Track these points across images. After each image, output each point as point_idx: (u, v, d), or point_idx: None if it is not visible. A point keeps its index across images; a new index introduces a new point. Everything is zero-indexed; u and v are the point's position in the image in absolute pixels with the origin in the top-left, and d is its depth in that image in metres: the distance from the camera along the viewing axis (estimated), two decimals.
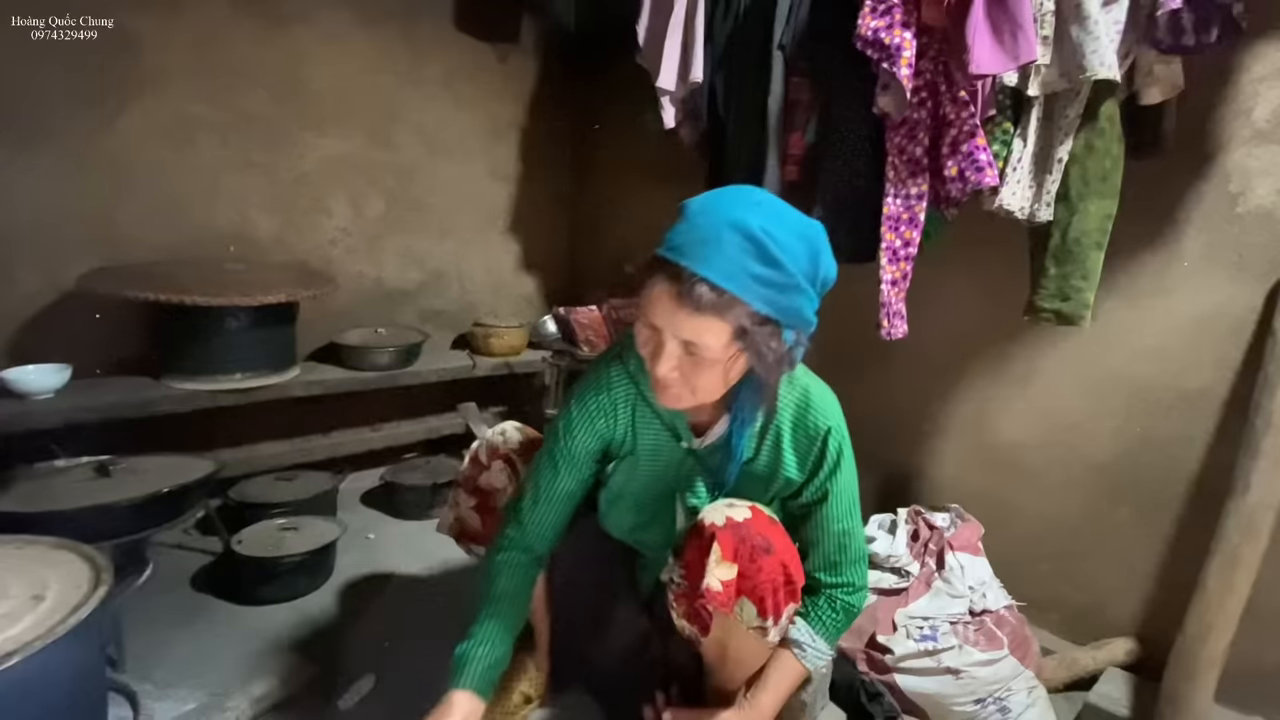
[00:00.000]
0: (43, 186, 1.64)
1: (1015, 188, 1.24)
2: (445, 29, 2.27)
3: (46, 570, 0.90)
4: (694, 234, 0.76)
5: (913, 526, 1.45)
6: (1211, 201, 1.29)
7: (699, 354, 0.79)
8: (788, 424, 0.96)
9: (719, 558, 0.88)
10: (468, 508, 1.18)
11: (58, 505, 1.21)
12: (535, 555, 1.04)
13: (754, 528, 0.89)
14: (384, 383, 2.01)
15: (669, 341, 0.79)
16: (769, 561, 0.88)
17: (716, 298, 0.74)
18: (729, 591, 0.87)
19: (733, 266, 0.74)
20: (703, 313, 0.74)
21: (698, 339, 0.77)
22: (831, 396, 0.98)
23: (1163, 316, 1.36)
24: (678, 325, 0.77)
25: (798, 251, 0.77)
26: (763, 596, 0.88)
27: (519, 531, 1.02)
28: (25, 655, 0.74)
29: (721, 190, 0.81)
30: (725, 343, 0.77)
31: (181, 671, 1.24)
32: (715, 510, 0.92)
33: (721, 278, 0.73)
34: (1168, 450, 1.37)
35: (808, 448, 0.96)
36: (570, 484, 1.02)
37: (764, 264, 0.74)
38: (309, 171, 2.06)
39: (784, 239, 0.75)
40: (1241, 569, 1.18)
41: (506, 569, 1.01)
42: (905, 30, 1.18)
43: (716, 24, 1.63)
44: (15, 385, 1.46)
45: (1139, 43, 1.14)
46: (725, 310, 0.75)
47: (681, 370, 0.81)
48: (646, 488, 1.04)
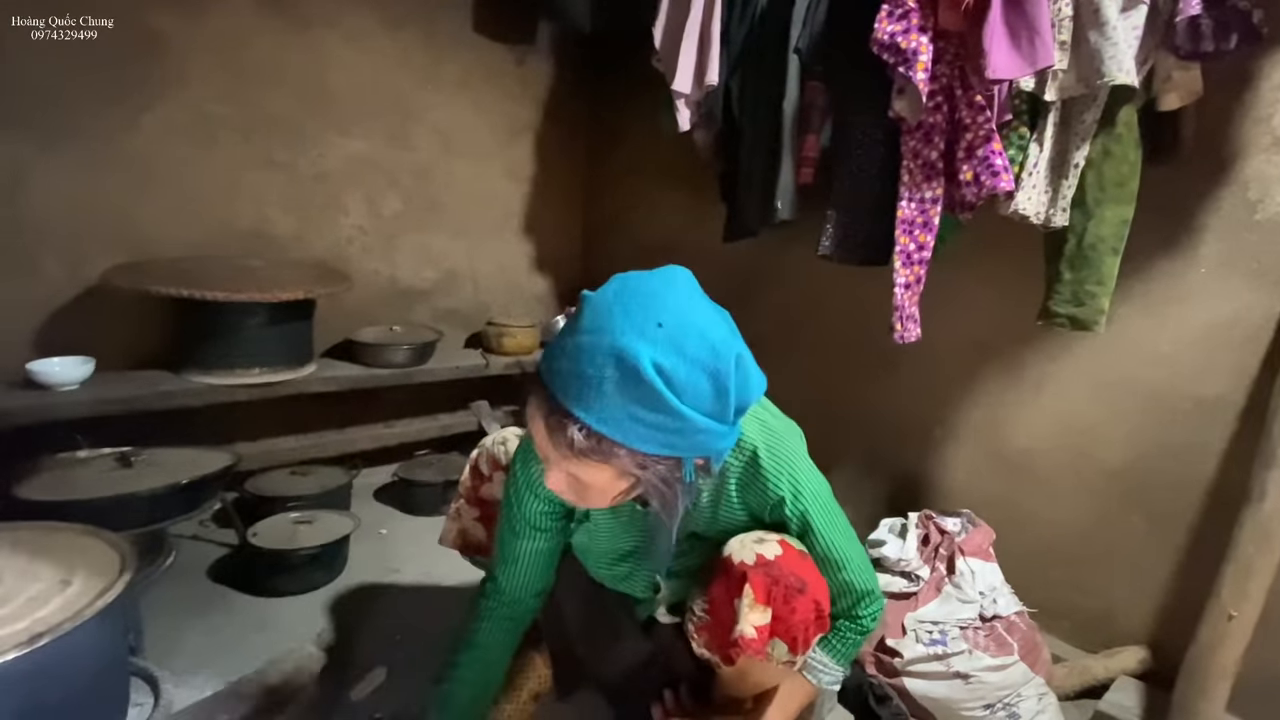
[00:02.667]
0: (69, 183, 1.67)
1: (1030, 192, 1.24)
2: (463, 31, 2.30)
3: (73, 556, 0.92)
4: (576, 363, 0.64)
5: (923, 531, 1.45)
6: (1230, 208, 1.29)
7: (584, 482, 0.72)
8: (734, 490, 0.89)
9: (752, 601, 0.84)
10: (471, 519, 1.16)
11: (80, 494, 1.24)
12: (519, 612, 1.01)
13: (785, 566, 0.85)
14: (398, 380, 2.03)
15: (553, 466, 0.72)
16: (803, 602, 0.84)
17: (594, 444, 0.64)
18: (763, 636, 0.84)
19: (614, 411, 0.63)
20: (580, 457, 0.66)
21: (577, 474, 0.70)
22: (787, 446, 0.88)
23: (1178, 323, 1.35)
24: (548, 452, 0.69)
25: (699, 390, 0.64)
26: (795, 636, 0.85)
27: (497, 597, 1.00)
28: (54, 637, 0.76)
29: (625, 290, 0.66)
30: (611, 479, 0.71)
31: (198, 659, 1.26)
32: (744, 547, 0.87)
33: (600, 423, 0.63)
34: (1182, 458, 1.36)
35: (764, 511, 0.89)
36: (537, 544, 0.98)
37: (653, 409, 0.63)
38: (328, 171, 2.09)
39: (682, 377, 0.63)
40: (1255, 578, 1.17)
41: (489, 619, 0.99)
42: (922, 35, 1.18)
43: (733, 27, 1.64)
44: (41, 377, 1.49)
45: (1158, 48, 1.14)
46: (605, 456, 0.66)
47: (571, 487, 0.74)
48: (611, 545, 1.00)
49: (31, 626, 0.78)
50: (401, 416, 2.25)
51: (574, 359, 0.64)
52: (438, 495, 2.01)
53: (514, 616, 1.01)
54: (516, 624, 1.01)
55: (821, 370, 1.99)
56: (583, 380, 0.63)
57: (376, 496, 2.10)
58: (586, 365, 0.63)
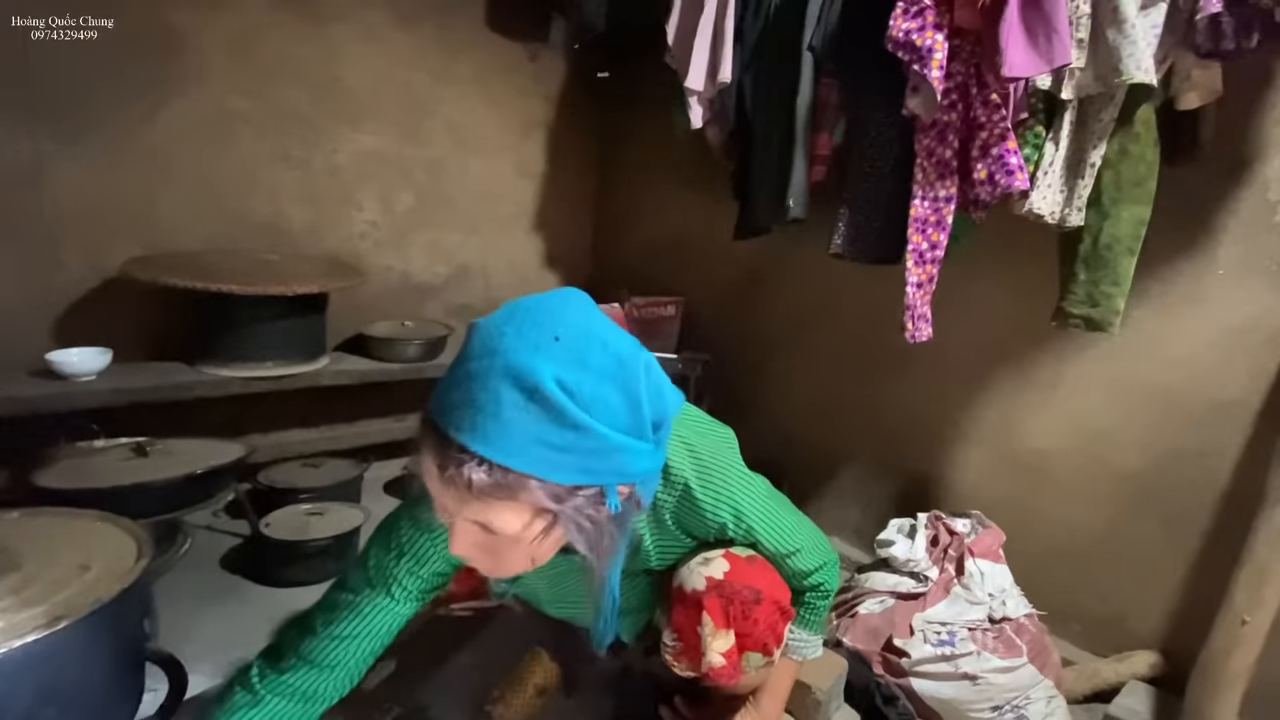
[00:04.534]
0: (89, 177, 1.70)
1: (1046, 192, 1.23)
2: (478, 28, 2.30)
3: (92, 542, 0.94)
4: (467, 392, 0.56)
5: (933, 531, 1.44)
6: (1249, 209, 1.27)
7: (495, 536, 0.62)
8: (671, 524, 0.84)
9: (713, 628, 0.83)
10: None
11: (97, 483, 1.26)
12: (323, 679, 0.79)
13: (737, 581, 0.84)
14: (410, 374, 2.04)
15: (458, 520, 0.62)
16: (762, 611, 0.84)
17: (499, 479, 0.56)
18: (732, 659, 0.84)
19: (518, 438, 0.55)
20: (483, 498, 0.57)
21: (486, 521, 0.60)
22: (718, 467, 0.81)
23: (1196, 325, 1.34)
24: (456, 508, 0.60)
25: (609, 403, 0.58)
26: (765, 643, 0.86)
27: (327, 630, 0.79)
28: (73, 620, 0.77)
29: (516, 312, 0.59)
30: (525, 521, 0.60)
31: (211, 647, 1.27)
32: (692, 573, 0.85)
33: (502, 455, 0.55)
34: (1197, 461, 1.34)
35: (708, 535, 0.87)
36: (397, 606, 0.82)
37: (561, 430, 0.56)
38: (342, 166, 2.11)
39: (589, 391, 0.57)
40: (1270, 583, 1.15)
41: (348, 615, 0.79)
42: (937, 32, 1.18)
43: (746, 24, 1.64)
44: (60, 367, 1.52)
45: (1177, 47, 1.13)
46: (514, 491, 0.57)
47: (482, 549, 0.64)
48: (555, 594, 0.97)
49: (51, 610, 0.79)
50: (412, 411, 2.26)
51: (464, 388, 0.56)
52: None
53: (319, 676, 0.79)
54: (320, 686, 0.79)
55: (832, 368, 1.98)
56: (476, 409, 0.55)
57: (387, 489, 2.11)
58: (479, 392, 0.55)
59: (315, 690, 0.78)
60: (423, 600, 0.84)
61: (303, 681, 0.78)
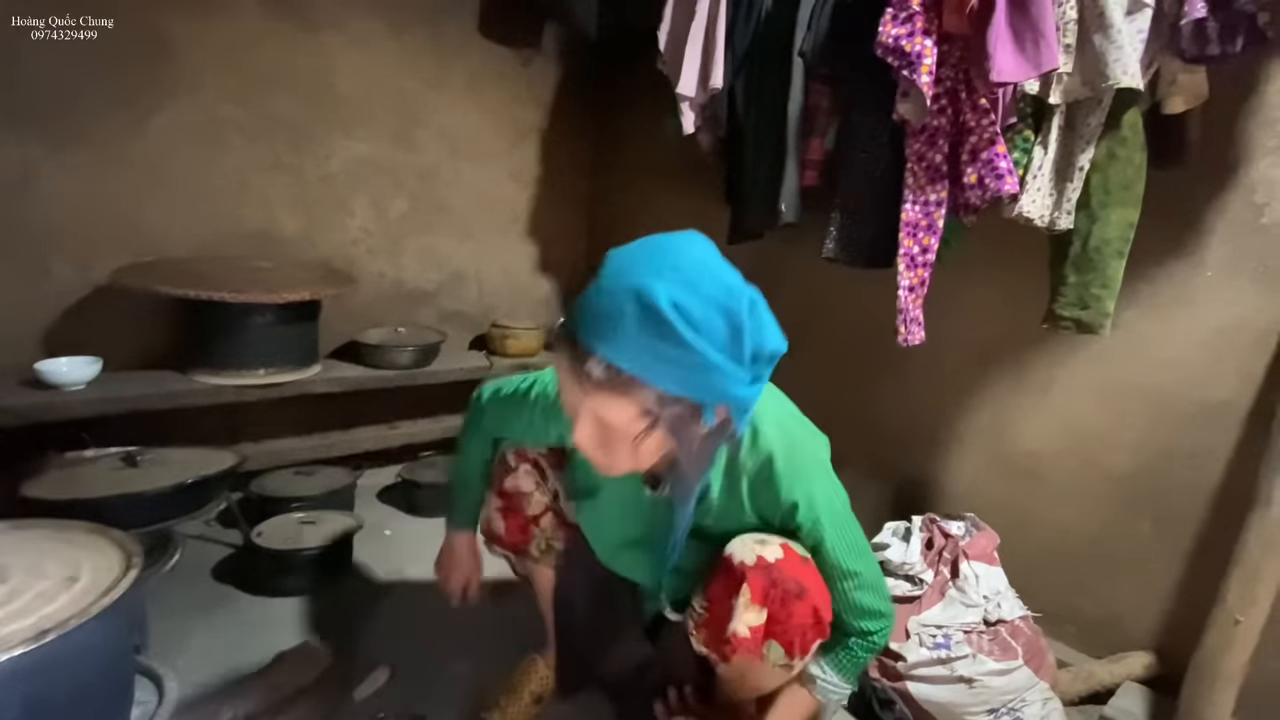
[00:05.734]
0: (78, 184, 1.69)
1: (1035, 195, 1.24)
2: (469, 34, 2.31)
3: (80, 553, 0.93)
4: (598, 305, 0.69)
5: (927, 534, 1.44)
6: (1236, 212, 1.28)
7: (608, 428, 0.74)
8: (746, 490, 0.89)
9: (748, 601, 0.85)
10: (494, 509, 1.16)
11: (87, 493, 1.25)
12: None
13: (786, 570, 0.85)
14: (403, 381, 2.04)
15: (581, 412, 0.74)
16: (800, 606, 0.85)
17: (614, 377, 0.68)
18: (756, 637, 0.85)
19: (633, 345, 0.66)
20: (600, 392, 0.69)
21: (600, 414, 0.72)
22: (806, 453, 0.89)
23: (1185, 327, 1.35)
24: (574, 396, 0.73)
25: (714, 327, 0.67)
26: (792, 640, 0.86)
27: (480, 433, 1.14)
28: (61, 633, 0.76)
29: (646, 244, 0.72)
30: (632, 420, 0.71)
31: (202, 658, 1.26)
32: (745, 547, 0.87)
33: (619, 357, 0.67)
34: (1189, 462, 1.35)
35: (775, 516, 0.90)
36: (517, 437, 1.11)
37: (670, 344, 0.66)
38: (334, 173, 2.10)
39: (698, 314, 0.66)
40: (1262, 583, 1.16)
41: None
42: (926, 38, 1.19)
43: (737, 31, 1.65)
44: (48, 376, 1.50)
45: (1163, 52, 1.14)
46: (625, 390, 0.69)
47: (596, 441, 0.76)
48: (620, 530, 1.03)
49: (39, 623, 0.78)
50: (406, 418, 2.26)
51: (595, 303, 0.69)
52: (441, 496, 2.02)
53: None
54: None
55: (825, 372, 1.99)
56: (603, 318, 0.67)
57: (380, 497, 2.10)
58: (607, 306, 0.67)
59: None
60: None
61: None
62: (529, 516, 1.11)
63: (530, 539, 1.12)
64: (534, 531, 1.12)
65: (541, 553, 1.13)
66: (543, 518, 1.12)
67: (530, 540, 1.13)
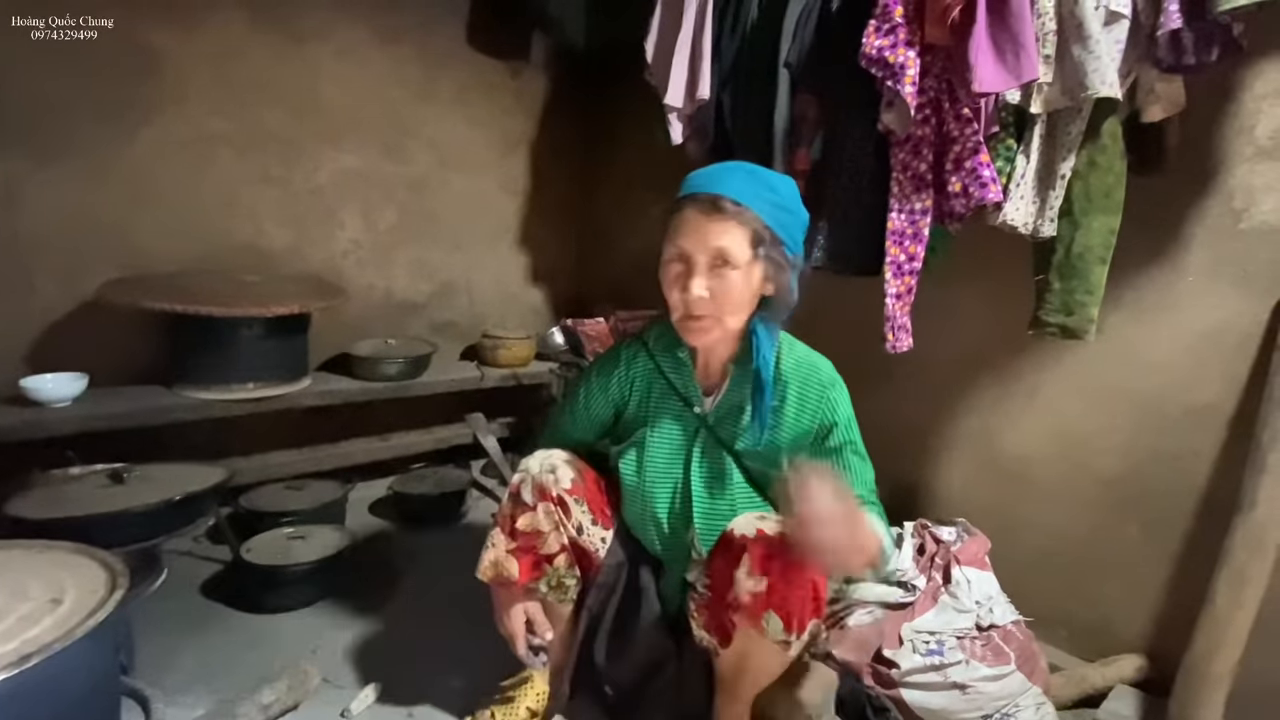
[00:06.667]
0: (64, 198, 1.68)
1: (1019, 203, 1.25)
2: (458, 46, 2.32)
3: (64, 574, 0.92)
4: (708, 176, 0.97)
5: (919, 540, 1.45)
6: (1216, 217, 1.30)
7: (726, 267, 0.93)
8: (793, 398, 1.06)
9: (749, 570, 0.90)
10: (504, 550, 1.08)
11: (73, 511, 1.23)
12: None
13: (786, 543, 0.89)
14: (394, 393, 2.03)
15: (699, 259, 0.94)
16: (800, 577, 0.90)
17: (735, 206, 0.92)
18: (757, 603, 0.89)
19: (743, 187, 0.94)
20: (726, 218, 0.92)
21: (724, 244, 0.92)
22: (843, 386, 1.12)
23: (1168, 331, 1.36)
24: (705, 235, 0.93)
25: (789, 187, 1.00)
26: (790, 611, 0.89)
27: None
28: (44, 657, 0.75)
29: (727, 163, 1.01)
30: (747, 247, 0.93)
31: (191, 677, 1.25)
32: (746, 522, 0.94)
33: (736, 194, 0.93)
34: (1175, 465, 1.36)
35: (814, 426, 1.06)
36: (581, 436, 1.20)
37: (766, 189, 0.95)
38: (323, 185, 2.10)
39: (775, 177, 0.99)
40: (1250, 585, 1.17)
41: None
42: (909, 49, 1.20)
43: (724, 42, 1.66)
44: (34, 393, 1.49)
45: (1140, 61, 1.16)
46: (743, 218, 0.92)
47: (711, 291, 0.94)
48: (667, 470, 1.10)
49: (21, 647, 0.77)
50: (397, 430, 2.24)
51: (708, 174, 0.98)
52: (433, 509, 2.01)
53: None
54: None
55: None
56: (719, 175, 0.96)
57: (372, 510, 2.09)
58: (724, 173, 0.97)
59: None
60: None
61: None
62: (542, 555, 1.09)
63: (542, 575, 1.10)
64: (546, 570, 1.09)
65: (551, 589, 1.11)
66: (557, 557, 1.09)
67: (542, 577, 1.10)
